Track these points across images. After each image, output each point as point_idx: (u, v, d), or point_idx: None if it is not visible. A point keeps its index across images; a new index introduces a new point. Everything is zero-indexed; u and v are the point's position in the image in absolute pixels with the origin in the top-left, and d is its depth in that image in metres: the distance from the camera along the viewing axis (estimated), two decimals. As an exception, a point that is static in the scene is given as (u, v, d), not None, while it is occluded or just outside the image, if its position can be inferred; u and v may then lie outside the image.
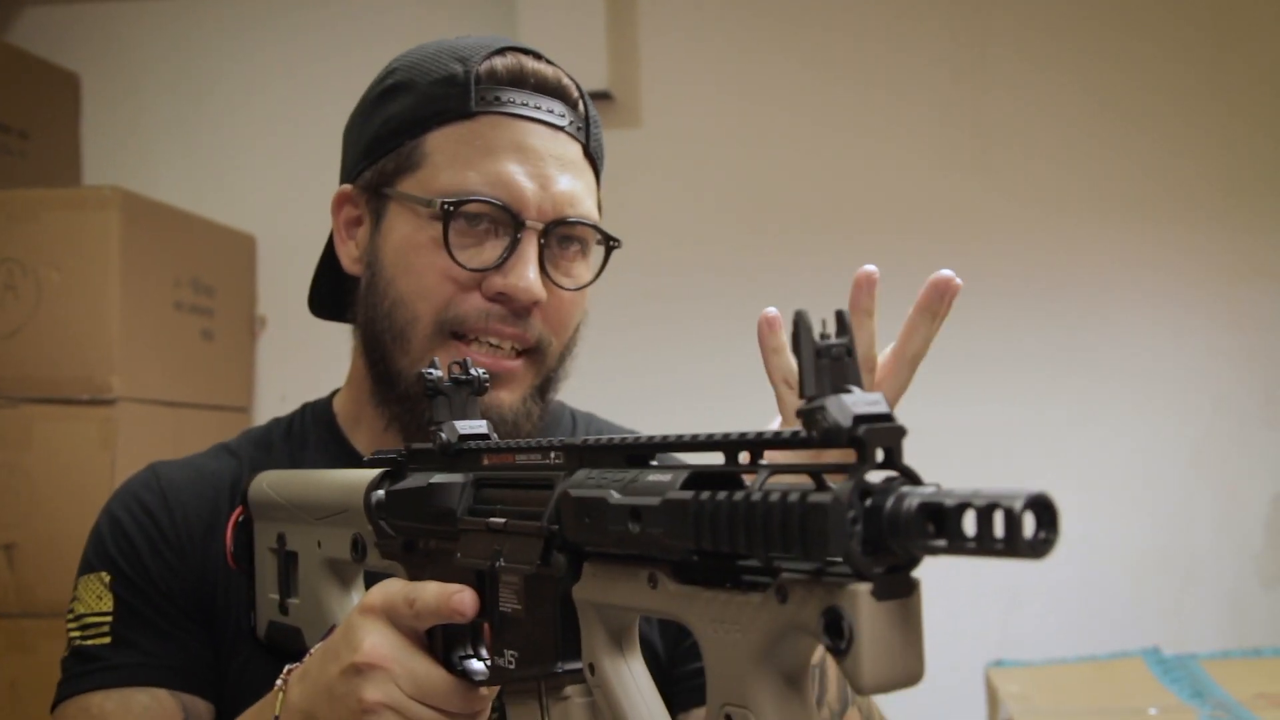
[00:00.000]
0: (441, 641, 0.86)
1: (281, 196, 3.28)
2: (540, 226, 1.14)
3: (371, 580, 1.03)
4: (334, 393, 1.35)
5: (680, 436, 0.68)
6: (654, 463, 0.71)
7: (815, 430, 0.55)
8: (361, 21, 3.30)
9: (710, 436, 0.65)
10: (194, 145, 3.38)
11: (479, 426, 0.92)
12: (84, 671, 1.17)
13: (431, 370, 0.92)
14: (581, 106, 1.21)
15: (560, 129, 1.17)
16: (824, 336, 0.58)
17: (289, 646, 1.11)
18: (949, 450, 2.97)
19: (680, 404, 3.01)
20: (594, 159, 1.22)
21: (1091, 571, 2.94)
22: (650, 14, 3.21)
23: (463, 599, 0.81)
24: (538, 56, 1.20)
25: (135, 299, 2.63)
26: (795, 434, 0.58)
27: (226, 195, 3.26)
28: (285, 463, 1.26)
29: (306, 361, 3.19)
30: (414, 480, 0.93)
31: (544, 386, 1.22)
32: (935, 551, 0.51)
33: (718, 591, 0.62)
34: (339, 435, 1.30)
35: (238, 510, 1.17)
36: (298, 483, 1.11)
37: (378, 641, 0.84)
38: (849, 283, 3.44)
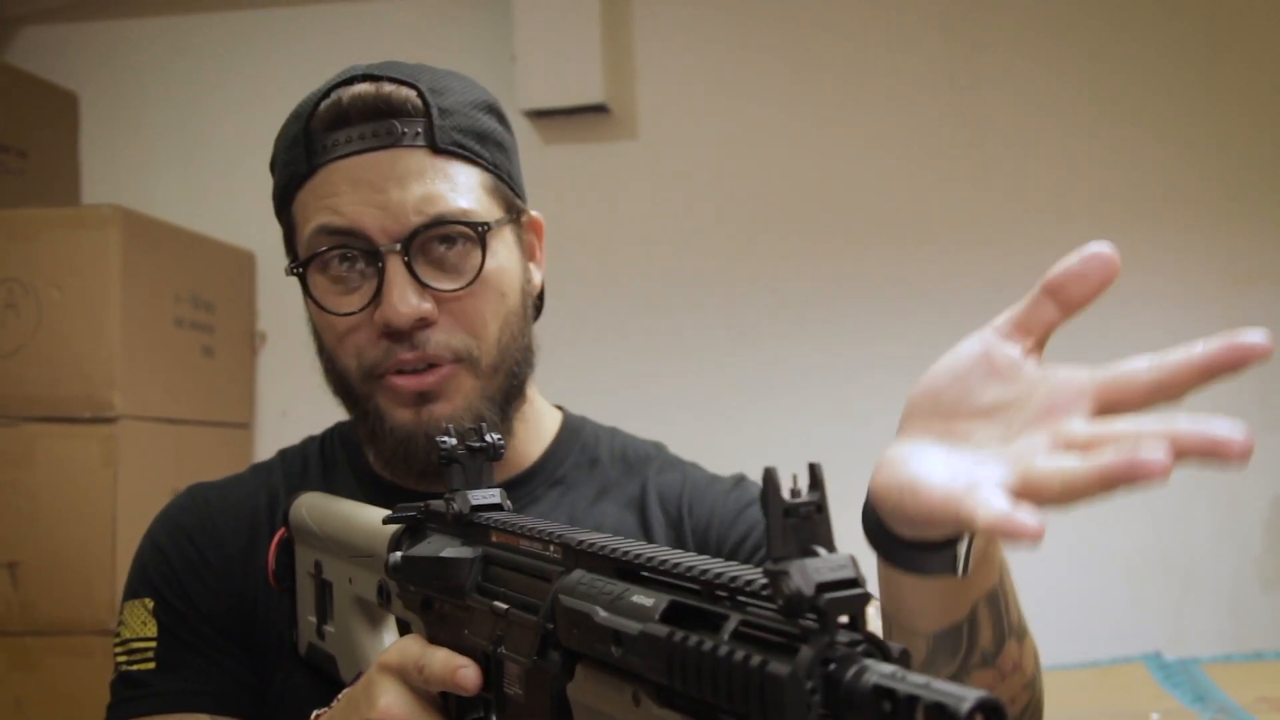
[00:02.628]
0: (455, 704, 0.88)
1: (280, 212, 3.29)
2: (397, 246, 1.13)
3: (402, 623, 1.07)
4: None
5: (665, 562, 0.67)
6: (645, 573, 0.70)
7: (778, 595, 0.55)
8: (360, 38, 3.31)
9: (691, 570, 0.64)
10: (193, 162, 3.39)
11: (492, 496, 0.92)
12: (130, 697, 1.21)
13: (446, 439, 0.93)
14: (419, 103, 1.17)
15: (391, 147, 1.15)
16: (794, 493, 0.57)
17: (325, 670, 1.15)
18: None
19: (676, 414, 3.01)
20: (454, 150, 1.18)
21: (1091, 576, 2.95)
22: (646, 27, 3.22)
23: (466, 674, 0.83)
24: (365, 78, 1.19)
25: (136, 316, 2.64)
26: (764, 587, 0.57)
27: (225, 212, 3.26)
28: (319, 481, 1.30)
29: (307, 377, 3.18)
30: (428, 547, 0.93)
31: (502, 390, 1.21)
32: None
33: None
34: (360, 458, 1.32)
35: (281, 531, 1.20)
36: (332, 516, 1.13)
37: (392, 701, 0.87)
38: (845, 292, 3.46)
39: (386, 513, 1.02)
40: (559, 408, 1.41)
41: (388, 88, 1.17)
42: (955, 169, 3.12)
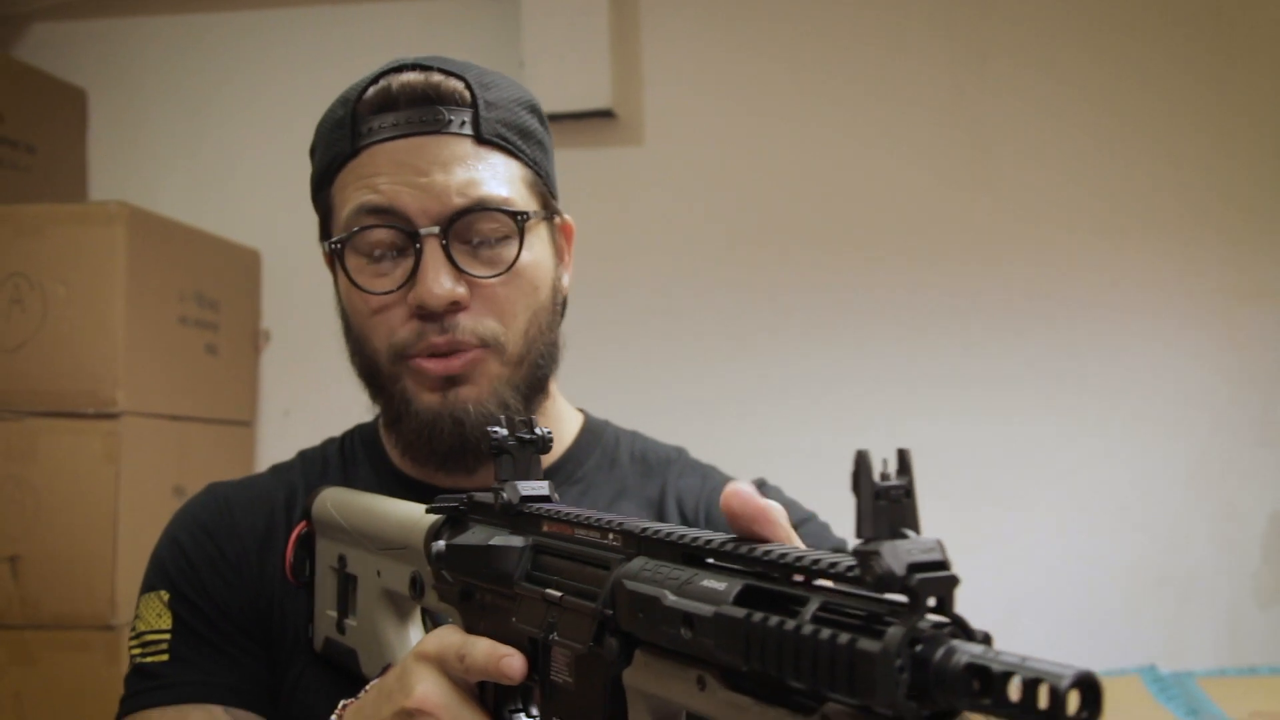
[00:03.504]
0: (493, 694, 0.88)
1: (285, 211, 3.29)
2: (435, 229, 1.14)
3: (429, 615, 1.07)
4: (378, 415, 1.38)
5: (738, 546, 0.67)
6: (710, 561, 0.70)
7: (869, 574, 0.55)
8: (367, 38, 3.32)
9: (767, 554, 0.65)
10: (199, 160, 3.40)
11: (541, 488, 0.92)
12: (143, 689, 1.21)
13: (497, 430, 0.93)
14: (466, 94, 1.19)
15: (437, 133, 1.17)
16: (884, 476, 0.58)
17: (344, 664, 1.14)
18: (948, 467, 2.99)
19: (679, 419, 3.01)
20: (497, 142, 1.20)
21: (1089, 589, 2.95)
22: (653, 34, 3.23)
23: (511, 663, 0.82)
24: (414, 67, 1.20)
25: (140, 313, 2.65)
26: (849, 569, 0.58)
27: (231, 210, 3.27)
28: (339, 480, 1.30)
29: (309, 376, 3.21)
30: (474, 536, 0.93)
31: (527, 381, 1.22)
32: (979, 710, 0.51)
33: (766, 707, 0.62)
34: (382, 454, 1.33)
35: (301, 524, 1.21)
36: (360, 508, 1.13)
37: (430, 689, 0.86)
38: (849, 300, 3.47)
39: (419, 506, 1.03)
40: (581, 410, 1.43)
41: (436, 77, 1.18)
42: (961, 179, 3.13)
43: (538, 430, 0.93)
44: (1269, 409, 3.00)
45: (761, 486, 1.34)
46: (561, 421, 1.36)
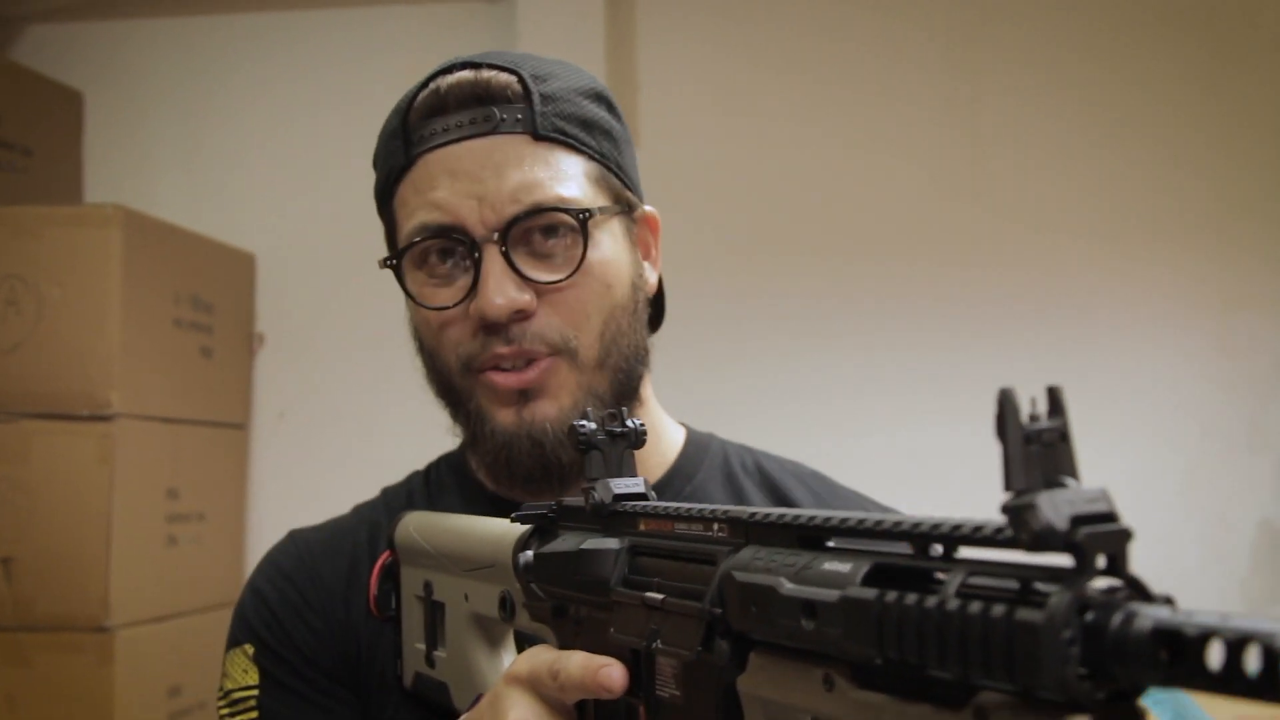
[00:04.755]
0: (593, 715, 0.81)
1: (281, 215, 3.30)
2: (495, 237, 1.09)
3: (521, 640, 1.00)
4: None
5: (863, 521, 0.59)
6: (830, 544, 0.63)
7: (1024, 531, 0.47)
8: (363, 40, 3.33)
9: (898, 525, 0.56)
10: (195, 163, 3.40)
11: (636, 485, 0.84)
12: None
13: (584, 424, 0.85)
14: (519, 89, 1.13)
15: (490, 134, 1.11)
16: (1034, 418, 0.50)
17: (435, 700, 1.07)
18: (940, 472, 3.00)
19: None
20: (556, 136, 1.13)
21: (1080, 595, 2.96)
22: (649, 38, 3.24)
23: (610, 674, 0.76)
24: (464, 65, 1.15)
25: (135, 316, 2.65)
26: (999, 531, 0.50)
27: (226, 213, 3.28)
28: (425, 508, 1.23)
29: (304, 379, 3.22)
30: (564, 543, 0.86)
31: (612, 387, 1.16)
32: (1171, 684, 0.43)
33: (905, 704, 0.53)
34: (470, 477, 1.26)
35: (385, 554, 1.15)
36: (444, 530, 1.07)
37: (523, 714, 0.80)
38: (843, 305, 3.47)
39: (506, 522, 0.96)
40: (683, 424, 1.35)
41: (487, 74, 1.13)
42: (955, 185, 3.14)
43: (629, 423, 0.87)
44: (1260, 416, 3.01)
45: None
46: (664, 431, 1.29)
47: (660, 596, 0.74)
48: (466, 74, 1.14)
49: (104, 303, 2.60)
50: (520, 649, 0.99)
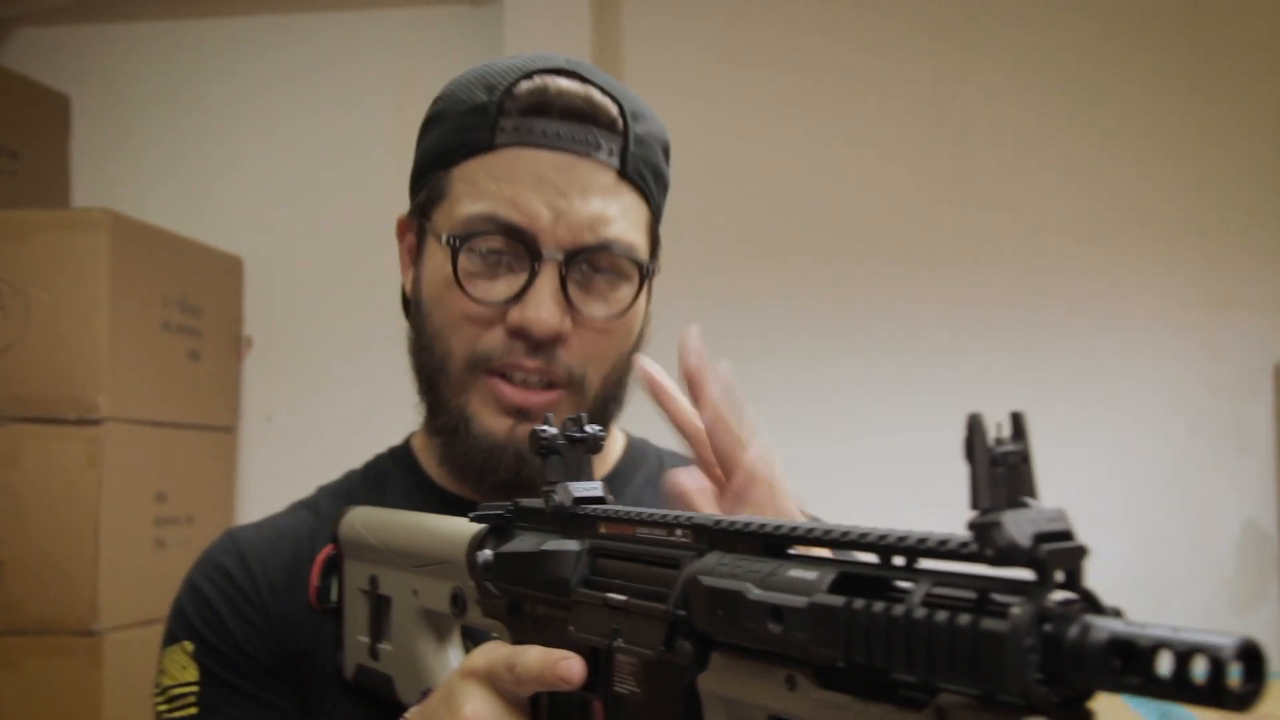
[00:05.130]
0: (548, 712, 0.83)
1: (268, 218, 3.31)
2: (560, 256, 1.09)
3: (470, 635, 1.01)
4: (410, 434, 1.32)
5: (829, 531, 0.61)
6: (792, 552, 0.65)
7: (989, 547, 0.50)
8: (350, 44, 3.33)
9: (864, 536, 0.59)
10: (182, 167, 3.40)
11: (594, 489, 0.86)
12: None
13: (546, 429, 0.87)
14: (621, 124, 1.13)
15: (585, 156, 1.11)
16: (999, 442, 0.53)
17: (378, 692, 1.08)
18: (926, 474, 3.01)
19: (663, 428, 3.03)
20: (637, 181, 1.15)
21: (1066, 595, 2.98)
22: (636, 42, 3.25)
23: (569, 666, 0.77)
24: (573, 75, 1.13)
25: (123, 319, 2.66)
26: (963, 545, 0.52)
27: (214, 217, 3.28)
28: (367, 504, 1.23)
29: (292, 382, 3.22)
30: (524, 543, 0.87)
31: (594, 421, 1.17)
32: (1122, 690, 0.46)
33: (866, 704, 0.56)
34: (419, 471, 1.27)
35: (328, 547, 1.16)
36: (394, 526, 1.08)
37: (479, 708, 0.81)
38: (832, 308, 3.47)
39: (458, 519, 0.97)
40: (622, 430, 1.36)
41: (596, 95, 1.12)
42: (942, 188, 3.15)
43: (588, 429, 0.88)
44: (1245, 417, 3.03)
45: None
46: (609, 442, 1.30)
47: (623, 598, 0.75)
48: (576, 85, 1.13)
49: (92, 306, 2.60)
50: (467, 644, 1.02)
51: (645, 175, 1.16)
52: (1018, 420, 0.54)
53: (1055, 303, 3.08)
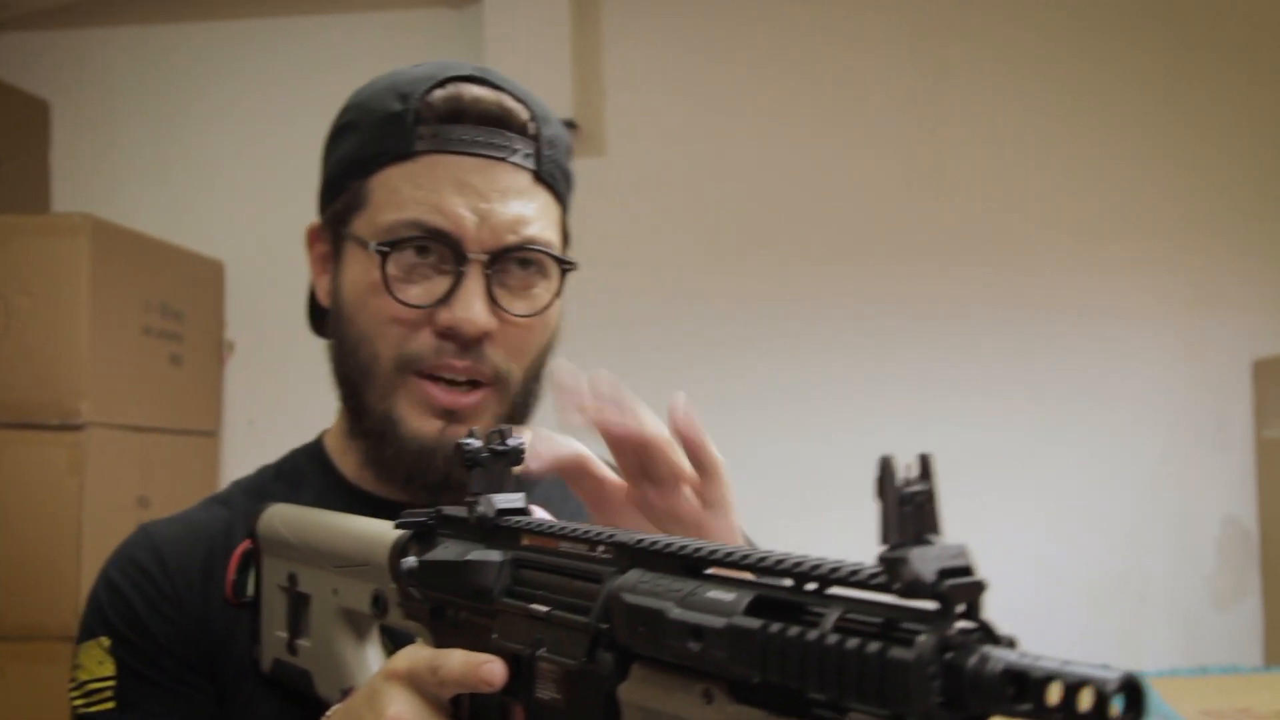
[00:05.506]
0: (469, 715, 0.85)
1: (249, 223, 3.30)
2: (484, 257, 1.13)
3: (389, 634, 1.03)
4: (323, 433, 1.35)
5: (746, 555, 0.65)
6: (709, 572, 0.68)
7: (897, 580, 0.54)
8: (331, 48, 3.33)
9: (780, 562, 0.62)
10: (163, 172, 3.40)
11: (516, 500, 0.89)
12: None
13: (470, 441, 0.89)
14: (532, 128, 1.18)
15: (502, 160, 1.15)
16: (908, 482, 0.56)
17: (296, 686, 1.10)
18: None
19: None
20: (549, 182, 1.19)
21: (1048, 592, 2.99)
22: (615, 45, 3.26)
23: (492, 669, 0.80)
24: (483, 82, 1.17)
25: (105, 324, 2.65)
26: (873, 575, 0.56)
27: (195, 222, 3.28)
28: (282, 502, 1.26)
29: (274, 386, 3.22)
30: (447, 551, 0.90)
31: (512, 417, 1.20)
32: (1015, 715, 0.50)
33: (780, 719, 0.60)
34: (333, 471, 1.29)
35: (245, 542, 1.17)
36: (315, 526, 1.10)
37: (402, 709, 0.83)
38: (810, 308, 3.49)
39: (380, 522, 1.00)
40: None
41: (508, 101, 1.17)
42: (922, 184, 3.16)
43: (511, 441, 0.91)
44: (1224, 415, 3.05)
45: None
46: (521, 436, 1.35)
47: (545, 609, 0.78)
48: (488, 92, 1.16)
49: (73, 311, 2.60)
50: (386, 643, 1.05)
51: (557, 176, 1.20)
52: (925, 461, 0.57)
53: (1035, 301, 3.09)
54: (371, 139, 1.18)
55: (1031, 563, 3.00)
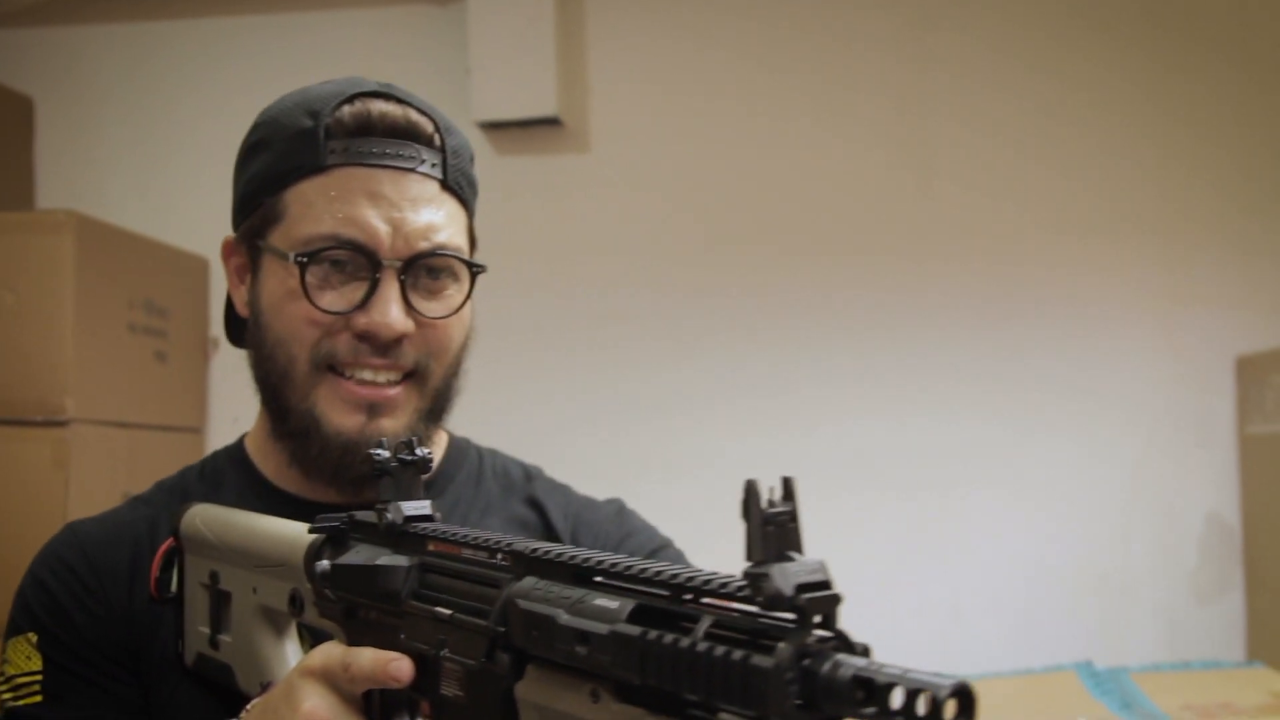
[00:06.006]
0: (380, 708, 0.90)
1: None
2: (398, 264, 1.17)
3: (305, 631, 1.08)
4: (244, 435, 1.39)
5: (629, 567, 0.70)
6: (598, 579, 0.73)
7: (760, 594, 0.59)
8: (317, 50, 3.33)
9: (658, 574, 0.68)
10: (147, 168, 3.39)
11: (423, 508, 0.94)
12: None
13: (379, 451, 0.95)
14: (438, 140, 1.23)
15: (411, 170, 1.20)
16: (771, 504, 0.61)
17: (217, 680, 1.15)
18: (891, 466, 3.04)
19: (626, 423, 3.04)
20: (456, 189, 1.24)
21: (1031, 586, 3.00)
22: (600, 42, 3.26)
23: (399, 667, 0.85)
24: (389, 97, 1.23)
25: (89, 321, 2.65)
26: (740, 588, 0.61)
27: (179, 218, 3.27)
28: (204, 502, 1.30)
29: (259, 383, 3.22)
30: (359, 555, 0.95)
31: (433, 410, 1.25)
32: (864, 717, 0.55)
33: (658, 718, 0.66)
34: (254, 472, 1.33)
35: (169, 540, 1.21)
36: (233, 526, 1.13)
37: (317, 704, 0.88)
38: (794, 303, 3.50)
39: (296, 524, 1.04)
40: (443, 429, 1.43)
41: (413, 114, 1.22)
42: (903, 185, 3.17)
43: (418, 451, 0.96)
44: (1207, 411, 3.06)
45: (619, 512, 1.40)
46: (435, 437, 1.38)
47: (449, 612, 0.84)
48: (394, 107, 1.22)
49: (58, 308, 2.60)
50: (304, 637, 1.10)
51: (462, 183, 1.26)
52: (787, 484, 0.61)
53: (1019, 297, 3.10)
54: (284, 155, 1.22)
55: (1014, 558, 3.01)
